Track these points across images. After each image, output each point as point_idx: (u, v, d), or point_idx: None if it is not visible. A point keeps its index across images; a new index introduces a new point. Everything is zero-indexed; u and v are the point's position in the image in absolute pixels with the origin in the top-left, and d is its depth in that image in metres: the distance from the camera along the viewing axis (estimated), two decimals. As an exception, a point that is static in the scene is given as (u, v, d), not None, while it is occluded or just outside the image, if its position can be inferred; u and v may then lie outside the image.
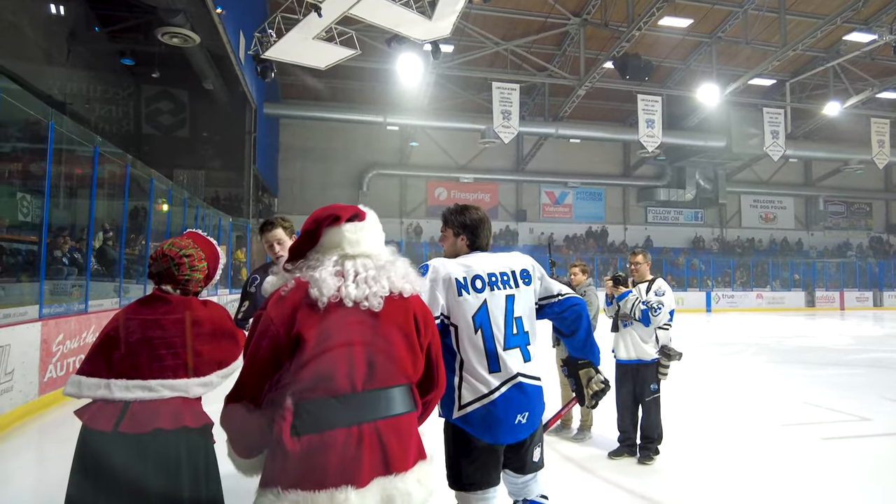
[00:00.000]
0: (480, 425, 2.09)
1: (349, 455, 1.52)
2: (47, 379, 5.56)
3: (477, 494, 2.13)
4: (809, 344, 12.48)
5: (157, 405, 1.88)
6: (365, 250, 1.73)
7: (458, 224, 2.30)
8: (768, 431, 5.16)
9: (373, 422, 1.57)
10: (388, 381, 1.63)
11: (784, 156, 23.82)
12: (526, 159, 26.38)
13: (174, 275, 2.05)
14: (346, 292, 1.62)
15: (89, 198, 7.29)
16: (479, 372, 2.11)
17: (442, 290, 2.14)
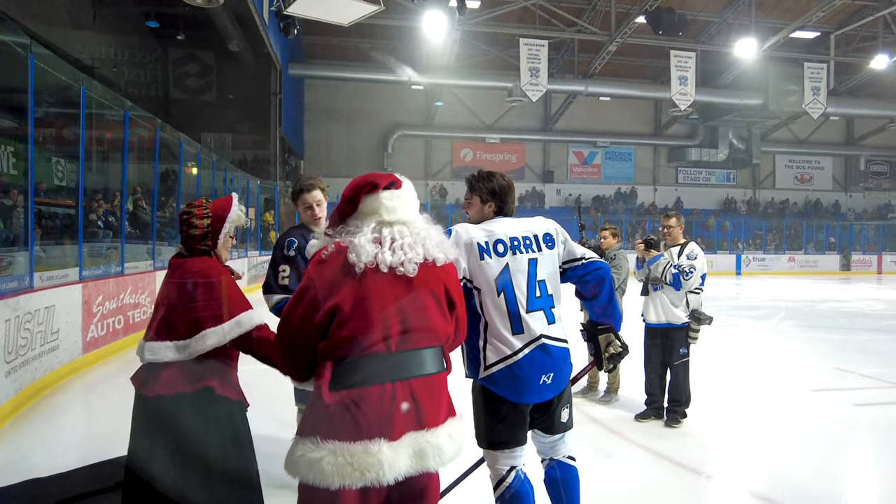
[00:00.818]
0: (505, 385, 2.15)
1: (383, 410, 1.61)
2: (90, 338, 5.80)
3: (504, 453, 2.19)
4: (843, 309, 12.21)
5: (160, 369, 1.98)
6: (401, 217, 1.80)
7: (487, 191, 2.31)
8: (797, 397, 5.12)
9: (406, 380, 1.66)
10: (420, 343, 1.71)
11: (825, 113, 22.80)
12: (554, 118, 25.82)
13: (179, 231, 2.14)
14: (383, 258, 1.69)
15: (121, 161, 7.41)
16: (503, 334, 2.15)
17: (464, 254, 2.17)
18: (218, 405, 2.00)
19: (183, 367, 1.98)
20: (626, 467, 2.43)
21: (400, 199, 1.81)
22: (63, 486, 3.03)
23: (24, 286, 4.76)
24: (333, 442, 1.59)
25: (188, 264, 2.09)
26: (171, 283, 2.08)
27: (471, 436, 2.11)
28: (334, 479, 1.57)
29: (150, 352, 2.00)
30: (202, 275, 2.04)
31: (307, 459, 1.61)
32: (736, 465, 3.59)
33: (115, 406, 5.12)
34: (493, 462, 2.22)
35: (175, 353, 1.97)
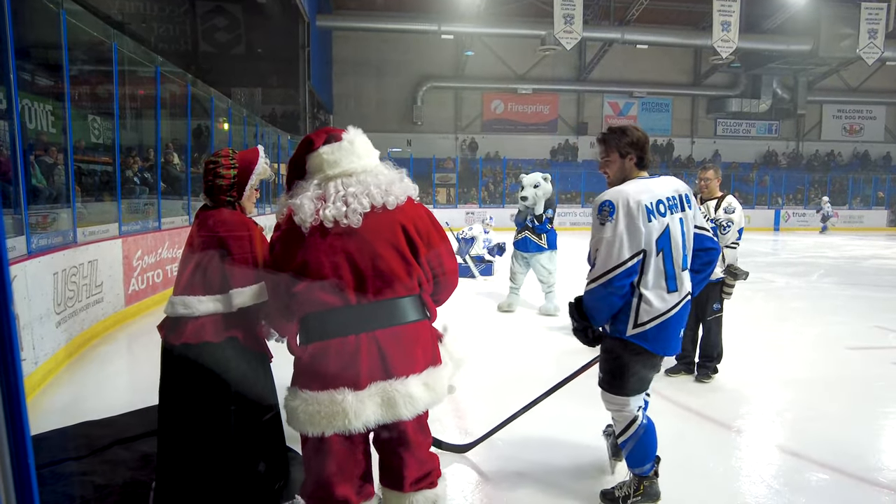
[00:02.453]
0: (656, 341, 2.25)
1: (345, 361, 1.68)
2: (131, 291, 6.02)
3: (637, 397, 2.37)
4: (888, 266, 11.79)
5: (188, 320, 2.04)
6: (345, 169, 1.79)
7: (626, 143, 2.29)
8: (832, 354, 5.03)
9: (371, 332, 1.70)
10: (382, 294, 1.73)
11: (881, 58, 21.42)
12: (588, 68, 24.94)
13: (204, 181, 2.14)
14: (324, 214, 1.72)
15: (153, 118, 7.49)
16: (659, 292, 2.22)
17: (640, 221, 2.16)
18: (242, 355, 2.06)
19: (212, 318, 2.03)
20: (656, 421, 2.46)
21: (341, 150, 1.81)
22: (115, 428, 3.23)
23: (68, 241, 4.93)
24: (305, 391, 1.70)
25: (218, 216, 2.09)
26: (202, 237, 2.08)
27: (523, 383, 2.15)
28: (307, 426, 1.70)
29: (184, 306, 2.02)
30: (233, 228, 2.05)
31: (289, 408, 1.76)
32: (766, 421, 3.58)
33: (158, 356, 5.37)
34: (622, 406, 2.36)
35: (210, 307, 2.01)
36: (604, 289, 2.20)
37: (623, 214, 2.15)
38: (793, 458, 3.07)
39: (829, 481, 2.81)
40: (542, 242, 6.27)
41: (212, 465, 2.06)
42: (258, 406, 2.14)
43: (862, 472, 2.86)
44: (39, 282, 4.12)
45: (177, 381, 2.10)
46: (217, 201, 2.14)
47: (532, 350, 5.16)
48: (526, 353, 5.04)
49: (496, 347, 5.17)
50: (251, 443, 2.11)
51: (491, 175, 23.58)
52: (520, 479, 2.77)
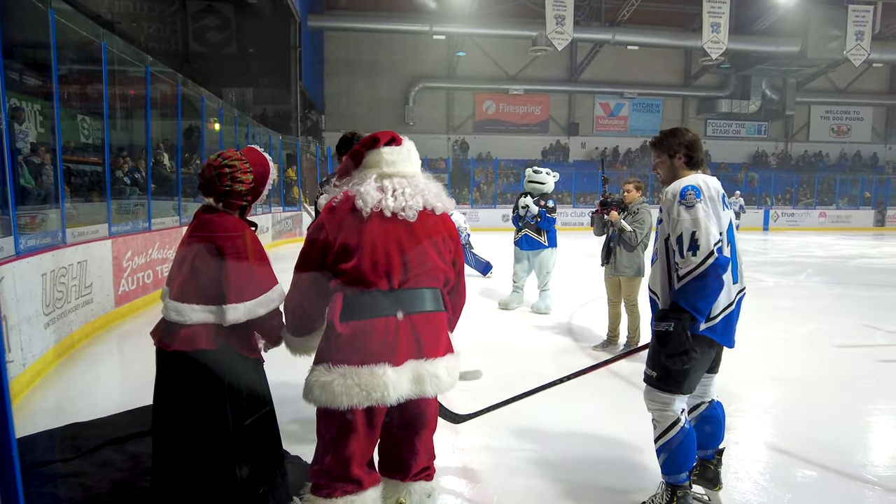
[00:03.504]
0: (723, 332, 2.29)
1: (388, 339, 1.84)
2: (121, 292, 5.99)
3: (683, 398, 2.37)
4: (874, 265, 11.92)
5: (181, 326, 1.99)
6: (401, 170, 1.99)
7: (675, 144, 2.36)
8: (820, 352, 5.09)
9: (408, 315, 1.88)
10: (421, 283, 1.92)
11: (867, 60, 21.68)
12: (580, 68, 25.03)
13: (216, 185, 2.04)
14: (386, 204, 1.90)
15: (144, 118, 7.45)
16: (728, 283, 2.25)
17: (718, 206, 2.23)
18: (237, 362, 2.05)
19: (203, 326, 1.99)
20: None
21: (400, 154, 2.01)
22: (104, 429, 3.21)
23: (57, 242, 4.90)
24: (343, 366, 1.82)
25: (220, 223, 2.03)
26: (200, 241, 2.02)
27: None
28: (342, 399, 1.80)
29: (177, 313, 1.98)
30: (234, 239, 2.00)
31: (320, 383, 1.84)
32: (755, 419, 3.61)
33: (149, 356, 5.33)
34: (666, 406, 2.33)
35: (203, 317, 1.97)
36: (713, 269, 2.14)
37: (707, 198, 2.20)
38: (780, 455, 3.11)
39: (815, 478, 2.85)
40: (543, 240, 6.28)
41: (208, 470, 2.04)
42: (253, 413, 2.13)
43: (848, 469, 2.90)
44: (28, 283, 4.09)
45: (172, 388, 2.07)
46: (230, 206, 2.08)
47: (524, 348, 5.18)
48: (518, 351, 5.05)
49: (487, 345, 5.18)
50: (245, 448, 2.10)
51: (483, 175, 23.62)
52: (520, 484, 2.78)
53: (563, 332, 5.68)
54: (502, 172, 23.38)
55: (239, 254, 1.99)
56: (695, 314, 2.17)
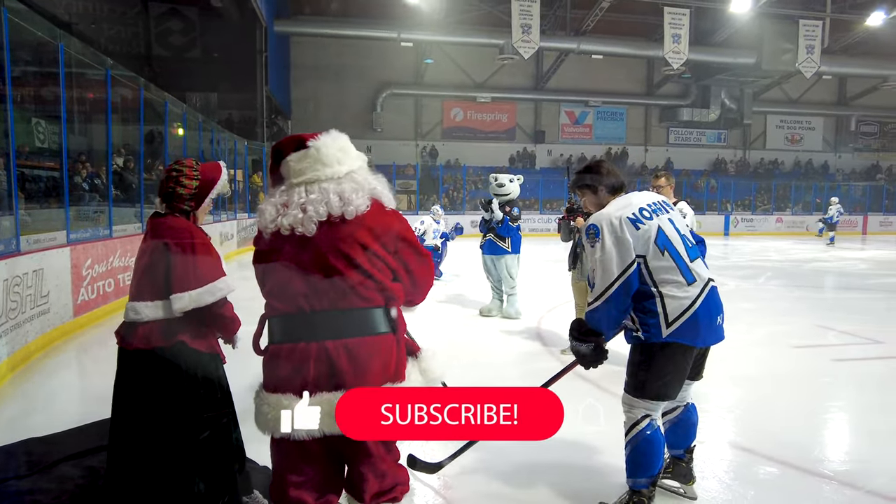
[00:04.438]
0: (691, 333, 2.29)
1: (295, 368, 1.69)
2: (80, 301, 5.79)
3: (664, 402, 2.41)
4: (827, 268, 12.42)
5: (139, 325, 2.08)
6: (309, 177, 1.76)
7: (595, 181, 2.48)
8: (779, 353, 5.27)
9: (321, 341, 1.68)
10: (338, 304, 1.70)
11: (818, 72, 22.60)
12: (546, 77, 25.40)
13: (163, 186, 2.17)
14: (280, 221, 1.72)
15: (104, 122, 7.25)
16: (680, 287, 2.30)
17: (626, 233, 2.28)
18: (190, 358, 2.07)
19: (159, 323, 2.07)
20: (612, 420, 2.52)
21: (308, 158, 1.78)
22: (61, 444, 3.09)
23: (10, 250, 4.72)
24: (263, 391, 1.76)
25: (166, 223, 2.14)
26: (149, 243, 2.14)
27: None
28: (261, 425, 1.74)
29: (133, 311, 2.09)
30: (178, 234, 2.09)
31: (255, 406, 1.78)
32: (719, 418, 3.71)
33: (109, 368, 5.17)
34: (630, 408, 2.41)
35: (156, 312, 2.06)
36: (606, 305, 2.31)
37: (608, 233, 2.28)
38: (743, 453, 3.20)
39: (776, 474, 2.95)
40: (506, 245, 6.33)
41: (162, 471, 2.03)
42: (209, 409, 2.13)
43: (806, 464, 3.00)
44: (-21, 292, 3.92)
45: (129, 386, 2.12)
46: (173, 208, 2.17)
47: (494, 353, 5.21)
48: (488, 357, 5.08)
49: (458, 351, 5.19)
50: (202, 448, 2.09)
51: (451, 182, 23.71)
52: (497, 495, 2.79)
53: (533, 337, 5.74)
54: (471, 179, 23.51)
55: (183, 246, 2.06)
56: (601, 335, 2.36)
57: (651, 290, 2.29)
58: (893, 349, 5.40)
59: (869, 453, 3.25)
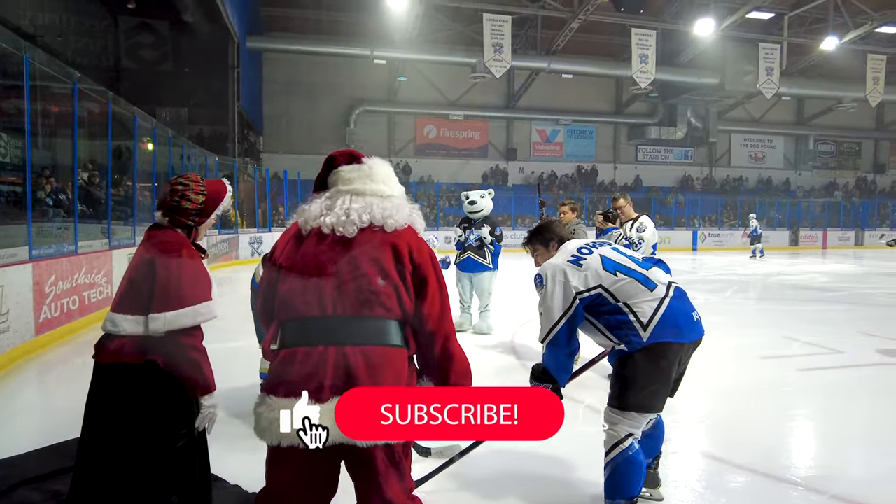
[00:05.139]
0: (670, 329, 2.36)
1: (310, 371, 1.62)
2: (42, 320, 5.61)
3: (635, 420, 2.41)
4: (791, 281, 12.79)
5: (114, 338, 2.00)
6: (357, 188, 1.82)
7: (546, 239, 2.68)
8: (747, 364, 5.39)
9: (341, 346, 1.64)
10: (360, 310, 1.68)
11: (777, 93, 23.53)
12: (517, 95, 25.83)
13: (167, 199, 2.11)
14: (323, 220, 1.76)
15: (70, 137, 7.10)
16: (644, 295, 2.40)
17: (569, 277, 2.43)
18: (159, 380, 1.98)
19: (134, 339, 1.98)
20: (586, 432, 2.54)
21: (359, 171, 1.86)
22: (21, 467, 2.97)
23: (-30, 266, 4.56)
24: (272, 397, 1.66)
25: (161, 237, 2.08)
26: (140, 254, 2.08)
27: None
28: (266, 434, 1.64)
29: (111, 323, 2.01)
30: (168, 251, 2.02)
31: (255, 414, 1.69)
32: (690, 429, 3.77)
33: (73, 388, 5.00)
34: (613, 425, 2.41)
35: (135, 327, 1.97)
36: (553, 348, 2.46)
37: (550, 280, 2.46)
38: (714, 462, 3.26)
39: (746, 482, 3.01)
40: (486, 262, 6.38)
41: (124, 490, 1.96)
42: (172, 433, 2.05)
43: (775, 471, 3.07)
44: (-64, 310, 3.77)
45: (96, 403, 2.04)
46: (175, 222, 2.12)
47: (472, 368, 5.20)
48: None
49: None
50: (165, 471, 2.02)
51: (425, 198, 23.79)
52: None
53: (507, 351, 5.76)
54: (444, 196, 23.64)
55: (170, 265, 1.99)
56: (557, 380, 2.48)
57: (619, 307, 2.40)
58: (854, 358, 5.59)
59: (832, 459, 3.35)
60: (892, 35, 23.70)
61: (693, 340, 2.45)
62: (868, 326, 7.09)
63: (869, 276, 14.33)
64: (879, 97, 23.90)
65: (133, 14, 17.83)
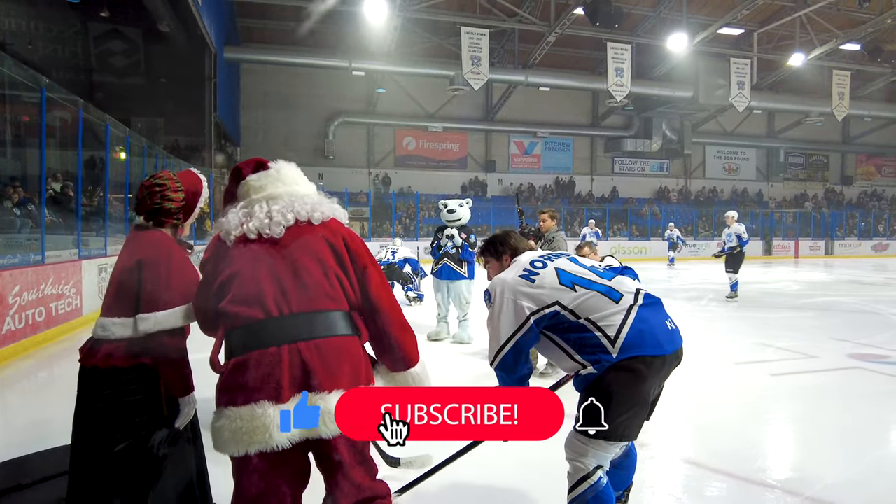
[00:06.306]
0: (641, 342, 2.07)
1: (266, 373, 1.62)
2: (5, 331, 5.43)
3: (603, 452, 2.11)
4: (765, 289, 13.03)
5: (103, 342, 1.96)
6: (270, 193, 1.84)
7: (498, 251, 2.48)
8: (722, 369, 5.44)
9: (293, 343, 1.64)
10: (306, 306, 1.69)
11: (749, 107, 24.09)
12: (495, 108, 26.06)
13: (147, 203, 2.08)
14: (247, 227, 1.77)
15: (39, 146, 6.93)
16: (608, 309, 2.12)
17: (519, 295, 2.19)
18: (151, 383, 1.93)
19: (123, 343, 1.95)
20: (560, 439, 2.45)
21: (268, 177, 1.88)
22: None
23: (-71, 276, 4.39)
24: (229, 408, 1.64)
25: (146, 238, 2.04)
26: (125, 257, 2.03)
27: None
28: (231, 445, 1.62)
29: (101, 328, 1.97)
30: (155, 251, 1.99)
31: (214, 429, 1.66)
32: (668, 434, 3.77)
33: (34, 402, 4.85)
34: (579, 456, 2.12)
35: (124, 331, 1.94)
36: (500, 372, 2.27)
37: (497, 297, 2.24)
38: (692, 467, 3.26)
39: (723, 487, 3.01)
40: (462, 270, 6.37)
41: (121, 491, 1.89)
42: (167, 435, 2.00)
43: (751, 474, 3.09)
44: None
45: (84, 408, 2.00)
46: (160, 223, 2.10)
47: (449, 377, 5.16)
48: (444, 381, 5.02)
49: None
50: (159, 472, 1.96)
51: (404, 209, 23.76)
52: None
53: (486, 359, 5.73)
54: (423, 206, 23.64)
55: (158, 265, 1.96)
56: None
57: (582, 324, 2.12)
58: (825, 363, 5.68)
59: (807, 462, 3.38)
60: (855, 52, 24.53)
61: (671, 352, 2.14)
62: (840, 332, 7.23)
63: (839, 283, 14.66)
64: (845, 112, 24.63)
65: (105, 21, 17.54)
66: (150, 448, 1.91)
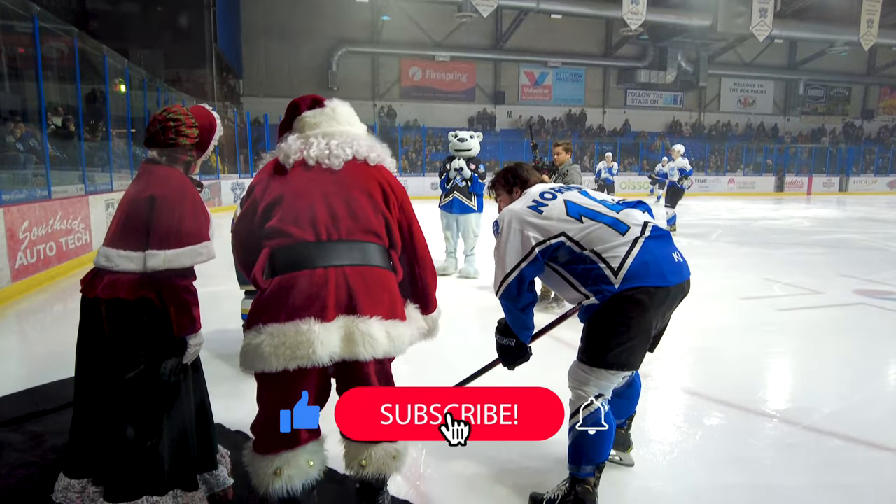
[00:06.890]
0: (646, 272, 2.05)
1: (314, 292, 1.70)
2: (18, 266, 5.50)
3: (606, 381, 2.12)
4: (774, 226, 12.91)
5: (106, 273, 1.95)
6: (325, 130, 1.94)
7: (509, 182, 2.47)
8: (727, 304, 5.46)
9: (340, 267, 1.74)
10: (353, 235, 1.80)
11: (770, 36, 23.02)
12: (505, 36, 25.07)
13: (160, 138, 2.03)
14: (307, 153, 1.88)
15: (36, 79, 6.76)
16: (614, 241, 2.10)
17: (526, 225, 2.17)
18: (154, 317, 1.94)
19: (129, 275, 1.93)
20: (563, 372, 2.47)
21: (323, 115, 1.97)
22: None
23: (-64, 211, 4.41)
24: (271, 325, 1.69)
25: (159, 172, 2.01)
26: (136, 189, 2.00)
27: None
28: (271, 360, 1.67)
29: (105, 258, 1.95)
30: (168, 188, 1.95)
31: (252, 347, 1.71)
32: (670, 365, 3.82)
33: (52, 334, 4.98)
34: (580, 384, 2.13)
35: (128, 264, 1.92)
36: (505, 300, 2.24)
37: (505, 227, 2.22)
38: (693, 397, 3.33)
39: (722, 416, 3.08)
40: (472, 204, 6.32)
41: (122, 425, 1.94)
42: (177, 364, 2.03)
43: (750, 405, 3.15)
44: None
45: (88, 336, 2.00)
46: (174, 159, 2.05)
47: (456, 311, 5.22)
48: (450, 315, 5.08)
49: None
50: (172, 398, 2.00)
51: (411, 143, 23.38)
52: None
53: (493, 294, 5.77)
54: (430, 140, 23.24)
55: (170, 202, 1.93)
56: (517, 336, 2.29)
57: (586, 255, 2.10)
58: (831, 299, 5.69)
59: (807, 394, 3.44)
60: (888, -26, 23.12)
61: (677, 283, 2.11)
62: (847, 269, 7.20)
63: (850, 220, 14.50)
64: (873, 40, 23.50)
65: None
66: (160, 375, 1.94)
